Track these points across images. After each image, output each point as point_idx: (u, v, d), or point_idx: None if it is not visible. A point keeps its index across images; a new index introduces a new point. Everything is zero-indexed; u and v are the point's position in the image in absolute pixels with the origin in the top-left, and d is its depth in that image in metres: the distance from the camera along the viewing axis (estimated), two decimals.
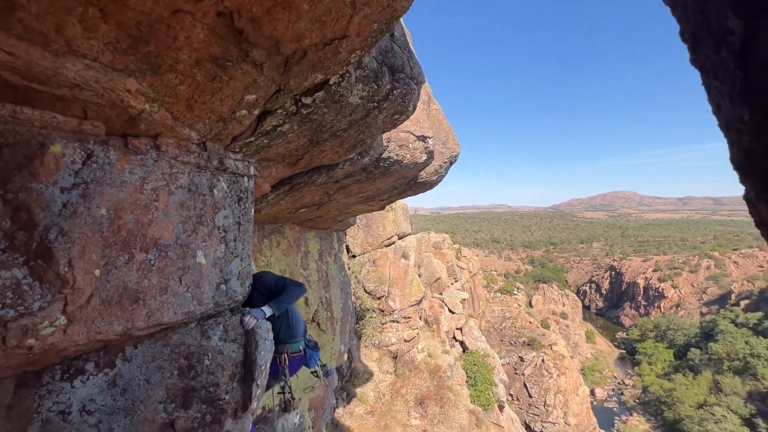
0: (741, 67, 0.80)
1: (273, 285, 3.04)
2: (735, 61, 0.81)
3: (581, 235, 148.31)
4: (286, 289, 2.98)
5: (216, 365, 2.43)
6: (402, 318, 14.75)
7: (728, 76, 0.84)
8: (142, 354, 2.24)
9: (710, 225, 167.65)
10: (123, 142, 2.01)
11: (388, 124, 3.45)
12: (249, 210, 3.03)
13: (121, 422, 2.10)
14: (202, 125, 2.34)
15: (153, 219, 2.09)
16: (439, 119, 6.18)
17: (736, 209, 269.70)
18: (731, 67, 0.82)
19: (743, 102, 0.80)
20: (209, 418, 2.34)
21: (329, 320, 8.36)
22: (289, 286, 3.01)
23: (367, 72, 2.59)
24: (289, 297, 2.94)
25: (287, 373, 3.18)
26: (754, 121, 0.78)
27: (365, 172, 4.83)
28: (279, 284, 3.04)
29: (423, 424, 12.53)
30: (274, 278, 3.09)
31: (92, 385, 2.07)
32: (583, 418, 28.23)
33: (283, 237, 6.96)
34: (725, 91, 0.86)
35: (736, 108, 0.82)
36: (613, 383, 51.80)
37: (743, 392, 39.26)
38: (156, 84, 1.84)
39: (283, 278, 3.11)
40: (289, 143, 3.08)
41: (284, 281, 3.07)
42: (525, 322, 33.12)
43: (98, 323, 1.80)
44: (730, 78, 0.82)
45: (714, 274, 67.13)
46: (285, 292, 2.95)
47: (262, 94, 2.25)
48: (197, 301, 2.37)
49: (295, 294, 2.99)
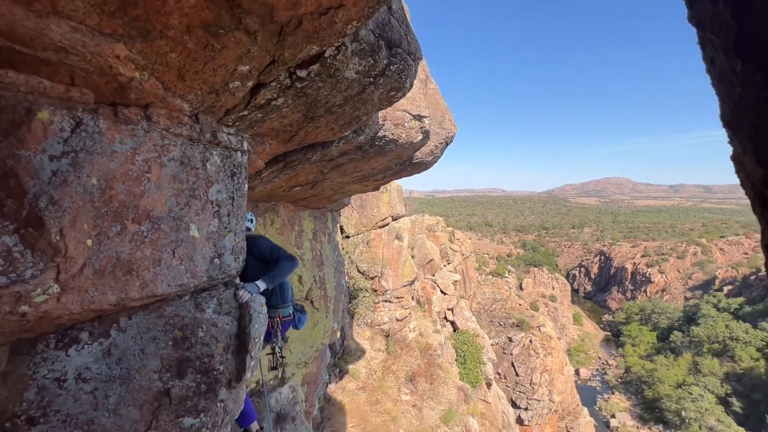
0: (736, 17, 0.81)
1: (267, 253, 3.06)
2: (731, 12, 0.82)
3: (573, 220, 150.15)
4: (280, 263, 3.00)
5: (210, 337, 2.46)
6: (394, 298, 14.98)
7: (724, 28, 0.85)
8: (136, 325, 2.26)
9: (700, 212, 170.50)
10: (113, 111, 1.97)
11: (384, 102, 3.41)
12: (243, 185, 3.01)
13: (117, 390, 2.14)
14: (194, 96, 2.29)
15: (145, 190, 2.07)
16: (435, 99, 6.10)
17: (725, 197, 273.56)
18: (727, 18, 0.83)
19: (737, 54, 0.81)
20: (204, 388, 2.40)
21: (323, 298, 8.46)
22: (283, 259, 3.03)
23: (363, 45, 2.53)
24: (282, 272, 2.97)
25: (279, 335, 3.37)
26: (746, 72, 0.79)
27: (360, 150, 4.79)
28: (273, 254, 3.06)
29: (413, 399, 12.94)
30: (269, 246, 3.10)
31: (87, 354, 2.10)
32: (567, 395, 29.32)
33: (277, 215, 6.94)
34: (720, 44, 0.87)
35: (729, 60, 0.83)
36: (598, 363, 53.65)
37: (720, 373, 41.00)
38: (146, 51, 1.78)
39: (277, 248, 3.12)
40: (283, 118, 3.03)
41: (278, 252, 3.09)
42: (515, 304, 33.82)
43: (92, 293, 1.81)
44: (726, 30, 0.83)
45: (700, 260, 68.78)
46: (278, 267, 2.97)
47: (255, 65, 2.19)
48: (191, 274, 2.38)
49: (288, 268, 3.02)
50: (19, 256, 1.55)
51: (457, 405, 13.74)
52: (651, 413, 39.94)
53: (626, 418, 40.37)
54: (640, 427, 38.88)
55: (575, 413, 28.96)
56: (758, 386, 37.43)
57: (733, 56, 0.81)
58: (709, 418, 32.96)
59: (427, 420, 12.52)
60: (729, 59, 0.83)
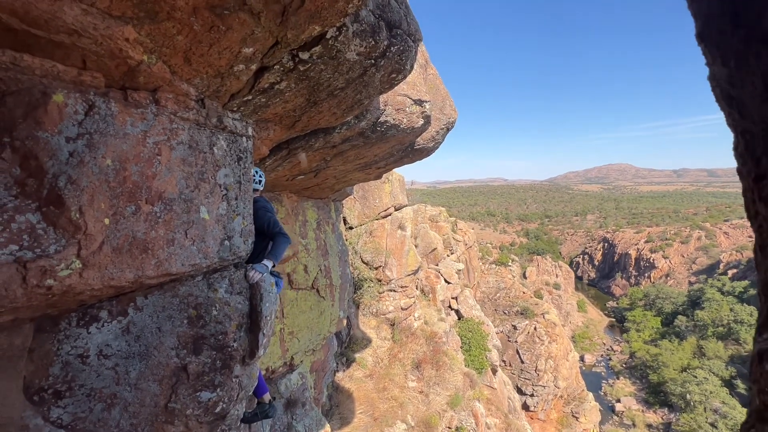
0: None
1: (266, 226, 3.14)
2: None
3: (576, 208, 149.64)
4: (277, 239, 3.09)
5: (223, 315, 2.55)
6: (399, 287, 15.10)
7: None
8: (152, 304, 2.34)
9: (704, 197, 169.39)
10: (123, 95, 2.02)
11: (385, 84, 3.44)
12: (248, 170, 3.07)
13: (137, 366, 2.23)
14: (200, 80, 2.34)
15: (157, 172, 2.14)
16: (436, 84, 6.11)
17: (729, 181, 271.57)
18: None
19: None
20: (219, 364, 2.49)
21: (328, 287, 8.57)
22: (279, 235, 3.11)
23: (364, 26, 2.56)
24: (281, 249, 3.08)
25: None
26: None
27: (362, 136, 4.83)
28: (271, 229, 3.14)
29: (419, 386, 13.13)
30: (268, 220, 3.16)
31: (107, 332, 2.18)
32: (572, 381, 29.56)
33: (281, 205, 7.01)
34: None
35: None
36: (602, 349, 53.93)
37: (725, 356, 41.14)
38: (154, 33, 1.83)
39: (275, 223, 3.17)
40: (286, 102, 3.08)
41: (276, 228, 3.15)
42: (519, 292, 33.96)
43: (111, 269, 1.88)
44: None
45: (704, 244, 68.54)
46: (277, 244, 3.07)
47: (259, 47, 2.24)
48: (203, 255, 2.45)
49: (285, 246, 3.15)
50: (42, 233, 1.62)
51: (463, 390, 13.93)
52: (656, 397, 40.26)
53: (631, 402, 40.71)
54: (645, 411, 39.22)
55: (580, 398, 29.24)
56: None
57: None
58: (714, 400, 33.19)
59: (433, 405, 12.72)
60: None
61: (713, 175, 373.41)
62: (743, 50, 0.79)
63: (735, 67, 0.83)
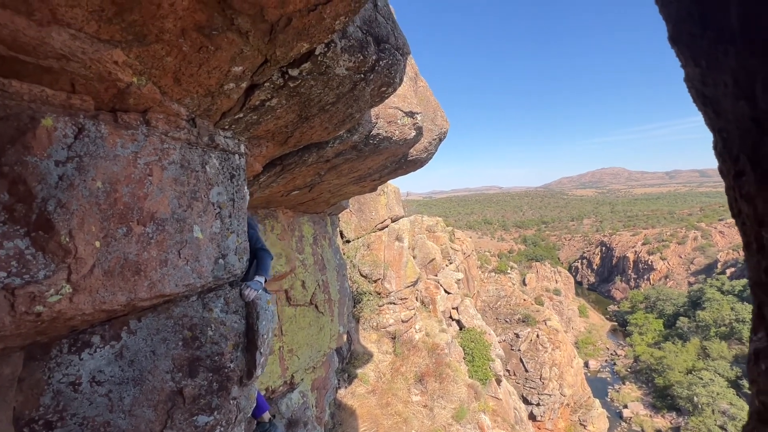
0: None
1: (253, 243, 3.17)
2: None
3: (572, 213, 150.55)
4: (260, 255, 3.15)
5: (219, 336, 2.50)
6: (398, 299, 14.98)
7: None
8: (146, 327, 2.30)
9: (697, 197, 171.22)
10: (113, 117, 2.03)
11: (375, 98, 3.48)
12: (242, 187, 3.07)
13: (131, 391, 2.17)
14: (191, 100, 2.35)
15: (148, 193, 2.12)
16: (426, 96, 6.19)
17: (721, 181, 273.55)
18: None
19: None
20: (216, 386, 2.43)
21: (327, 302, 8.49)
22: (260, 252, 3.18)
23: (352, 42, 2.60)
24: (267, 264, 3.14)
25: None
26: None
27: (355, 150, 4.85)
28: (253, 245, 3.19)
29: (423, 400, 12.90)
30: (251, 237, 3.20)
31: (100, 357, 2.13)
32: (578, 388, 29.20)
33: (276, 221, 6.99)
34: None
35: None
36: (606, 354, 53.47)
37: (729, 356, 40.89)
38: (143, 55, 1.85)
39: (257, 239, 3.23)
40: (278, 119, 3.10)
41: (258, 244, 3.20)
42: (519, 299, 33.79)
43: (102, 293, 1.85)
44: None
45: (701, 244, 68.91)
46: (262, 259, 3.12)
47: (248, 66, 2.26)
48: (197, 274, 2.42)
49: (270, 260, 3.23)
50: (31, 258, 1.60)
51: (468, 403, 13.70)
52: (663, 401, 39.78)
53: (639, 407, 40.18)
54: (653, 416, 38.69)
55: (587, 406, 28.84)
56: None
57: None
58: (721, 401, 32.83)
59: (438, 419, 12.48)
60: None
61: (705, 175, 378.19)
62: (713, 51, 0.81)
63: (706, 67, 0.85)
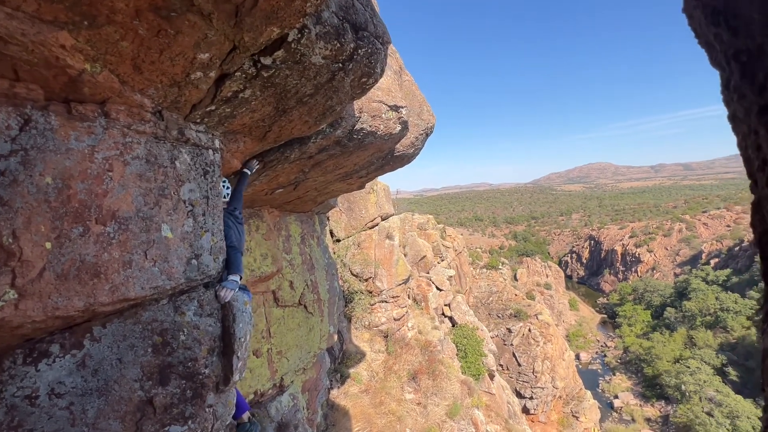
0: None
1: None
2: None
3: (561, 208, 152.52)
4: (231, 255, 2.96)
5: (192, 340, 2.36)
6: (390, 298, 14.89)
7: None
8: (111, 333, 2.15)
9: (681, 190, 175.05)
10: (65, 108, 1.87)
11: (356, 89, 3.35)
12: (217, 184, 2.92)
13: (95, 403, 2.02)
14: (155, 90, 2.20)
15: (108, 190, 1.97)
16: (412, 90, 6.08)
17: (704, 173, 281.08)
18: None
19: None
20: (190, 393, 2.29)
21: (316, 302, 8.34)
22: (229, 249, 2.98)
23: (327, 28, 2.47)
24: (238, 260, 2.99)
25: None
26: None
27: (339, 145, 4.72)
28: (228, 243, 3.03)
29: (417, 397, 12.84)
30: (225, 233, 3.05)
31: (59, 368, 1.98)
32: (570, 381, 29.53)
33: (261, 221, 6.82)
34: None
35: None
36: (597, 346, 54.29)
37: (715, 344, 41.89)
38: (94, 39, 1.70)
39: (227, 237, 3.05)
40: (253, 112, 2.95)
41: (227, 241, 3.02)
42: (511, 295, 34.01)
43: (55, 298, 1.70)
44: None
45: (686, 236, 70.37)
46: (233, 259, 2.95)
47: (216, 53, 2.12)
48: (166, 276, 2.28)
49: (241, 257, 3.11)
50: None
51: (461, 399, 13.69)
52: (652, 390, 40.55)
53: (629, 397, 40.88)
54: (643, 405, 39.41)
55: (579, 397, 29.18)
56: (752, 354, 38.32)
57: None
58: (708, 389, 33.57)
59: (432, 416, 12.43)
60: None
61: (689, 168, 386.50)
62: None
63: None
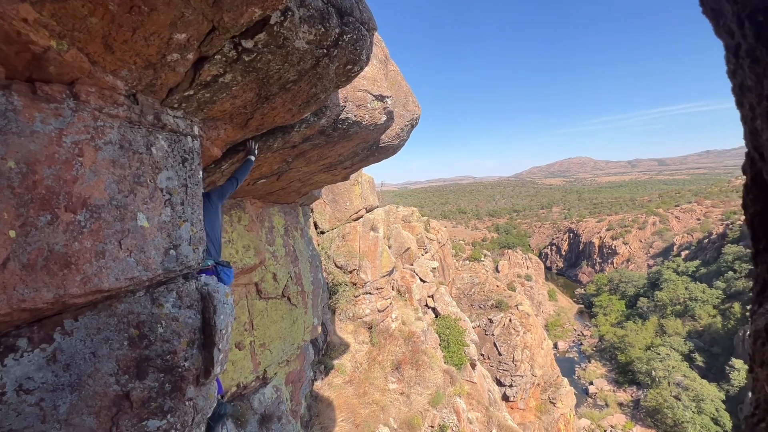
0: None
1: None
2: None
3: (542, 201, 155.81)
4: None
5: (171, 332, 2.29)
6: (374, 289, 14.94)
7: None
8: (84, 326, 2.06)
9: (656, 185, 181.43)
10: (30, 88, 1.75)
11: (341, 77, 3.28)
12: (196, 172, 2.82)
13: (67, 398, 1.94)
14: (128, 72, 2.09)
15: (78, 176, 1.87)
16: (397, 81, 6.02)
17: (677, 169, 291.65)
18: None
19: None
20: (168, 387, 2.23)
21: (300, 294, 8.28)
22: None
23: (311, 12, 2.40)
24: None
25: None
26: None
27: (324, 135, 4.64)
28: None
29: (400, 387, 13.01)
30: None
31: (28, 363, 1.89)
32: (548, 369, 30.49)
33: (244, 212, 6.68)
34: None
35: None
36: (574, 335, 56.21)
37: (683, 332, 44.01)
38: (59, 13, 1.59)
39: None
40: (234, 98, 2.85)
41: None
42: (492, 286, 34.67)
43: (21, 289, 1.61)
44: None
45: (659, 229, 73.19)
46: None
47: (193, 33, 2.02)
48: (143, 267, 2.19)
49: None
50: None
51: (443, 388, 13.94)
52: (625, 376, 42.38)
53: (603, 383, 42.61)
54: (616, 390, 41.18)
55: (556, 384, 30.20)
56: (717, 340, 40.47)
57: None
58: (676, 374, 35.33)
59: (415, 405, 12.63)
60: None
61: (663, 164, 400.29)
62: None
63: None
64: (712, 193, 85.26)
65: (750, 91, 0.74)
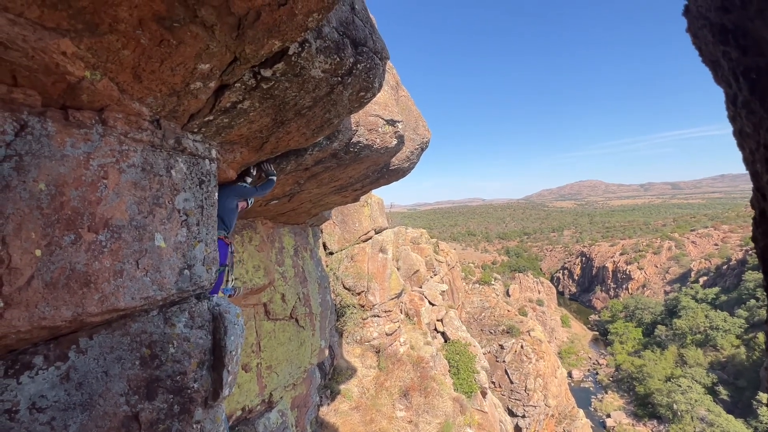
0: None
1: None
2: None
3: (553, 224, 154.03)
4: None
5: (182, 353, 2.30)
6: (383, 312, 14.74)
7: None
8: (98, 345, 2.09)
9: (670, 208, 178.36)
10: (63, 115, 1.86)
11: (354, 103, 3.39)
12: (212, 194, 2.90)
13: (77, 418, 1.95)
14: (154, 99, 2.21)
15: (102, 197, 1.95)
16: (408, 105, 6.17)
17: (692, 193, 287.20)
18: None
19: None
20: (177, 408, 2.22)
21: (308, 316, 8.22)
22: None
23: (328, 43, 2.52)
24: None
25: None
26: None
27: (335, 158, 4.75)
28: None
29: (408, 415, 12.58)
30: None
31: (42, 381, 1.91)
32: (562, 399, 29.25)
33: (255, 232, 6.76)
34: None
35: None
36: (589, 364, 54.06)
37: (705, 363, 41.99)
38: (95, 47, 1.70)
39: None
40: (251, 123, 2.96)
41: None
42: (503, 310, 33.89)
43: (42, 307, 1.65)
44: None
45: (675, 254, 71.30)
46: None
47: (216, 64, 2.14)
48: (158, 286, 2.23)
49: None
50: None
51: (453, 417, 13.45)
52: (644, 409, 40.30)
53: (621, 416, 40.54)
54: (636, 424, 39.06)
55: (571, 416, 28.87)
56: (742, 373, 38.45)
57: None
58: (700, 408, 33.48)
59: None
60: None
61: (677, 187, 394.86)
62: None
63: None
64: (729, 218, 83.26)
65: (749, 137, 0.77)
